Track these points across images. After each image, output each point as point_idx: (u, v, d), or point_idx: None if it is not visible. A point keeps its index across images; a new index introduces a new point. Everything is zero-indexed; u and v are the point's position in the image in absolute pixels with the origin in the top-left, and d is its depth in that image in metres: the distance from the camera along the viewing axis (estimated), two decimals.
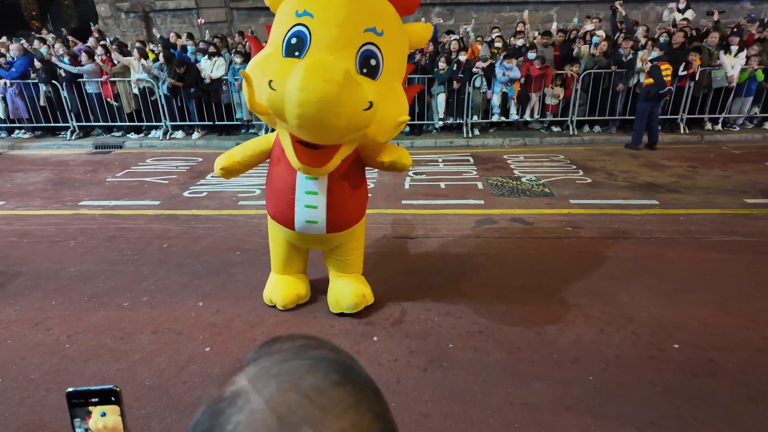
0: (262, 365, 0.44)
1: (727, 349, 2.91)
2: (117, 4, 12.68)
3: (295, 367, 0.43)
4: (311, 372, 0.42)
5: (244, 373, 0.44)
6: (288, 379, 0.41)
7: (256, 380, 0.42)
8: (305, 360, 0.44)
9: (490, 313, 3.34)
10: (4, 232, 4.91)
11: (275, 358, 0.45)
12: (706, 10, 10.38)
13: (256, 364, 0.45)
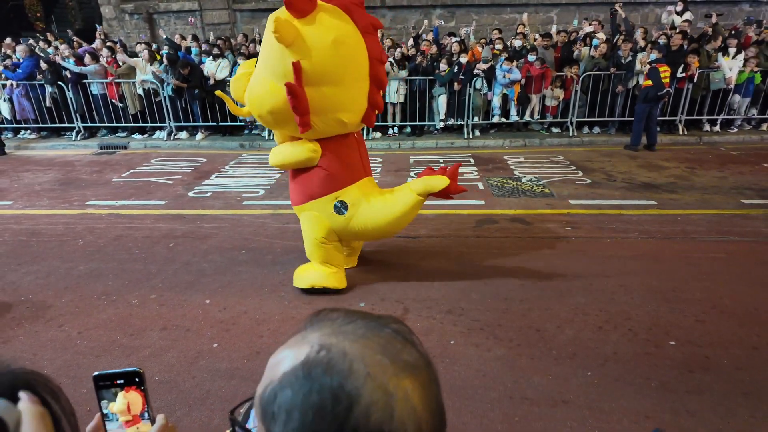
0: (329, 328, 0.52)
1: (722, 345, 2.99)
2: (121, 6, 12.77)
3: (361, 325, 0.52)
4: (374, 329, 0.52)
5: (316, 335, 0.51)
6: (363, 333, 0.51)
7: (333, 335, 0.51)
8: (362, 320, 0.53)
9: (490, 311, 3.43)
10: (15, 231, 5.00)
11: (336, 322, 0.53)
12: (704, 12, 10.46)
13: (319, 328, 0.52)
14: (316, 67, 2.99)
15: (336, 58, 3.02)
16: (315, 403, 0.46)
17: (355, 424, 0.45)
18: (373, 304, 3.54)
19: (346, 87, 3.15)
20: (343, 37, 3.01)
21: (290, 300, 3.62)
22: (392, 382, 0.47)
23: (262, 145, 8.66)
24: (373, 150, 8.32)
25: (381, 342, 0.50)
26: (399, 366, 0.48)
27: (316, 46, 2.97)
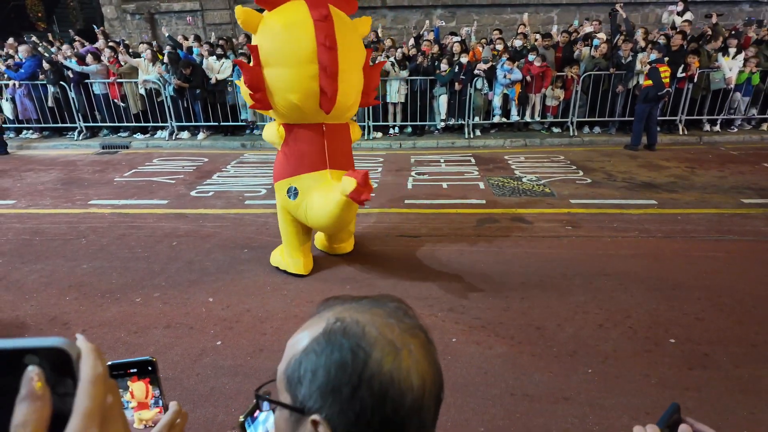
0: (340, 307, 0.59)
1: (720, 343, 3.02)
2: (122, 6, 12.81)
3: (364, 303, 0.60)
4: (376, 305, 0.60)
5: (329, 312, 0.59)
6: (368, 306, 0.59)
7: (345, 311, 0.58)
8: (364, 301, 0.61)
9: (491, 309, 3.45)
10: (18, 230, 5.03)
11: (343, 303, 0.61)
12: (704, 12, 10.48)
13: (330, 308, 0.60)
14: (269, 49, 3.39)
15: (284, 42, 3.35)
16: (336, 360, 0.53)
17: (370, 373, 0.52)
18: None
19: (294, 68, 3.38)
20: (292, 23, 3.32)
21: (293, 298, 3.65)
22: (399, 340, 0.55)
23: (263, 145, 8.68)
24: (374, 150, 8.36)
25: (387, 311, 0.59)
26: (403, 328, 0.57)
27: (271, 30, 3.39)
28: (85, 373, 0.39)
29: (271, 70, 3.42)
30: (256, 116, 8.96)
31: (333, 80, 3.36)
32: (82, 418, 0.37)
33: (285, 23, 3.33)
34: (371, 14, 11.87)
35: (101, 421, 0.38)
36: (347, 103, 3.57)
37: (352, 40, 3.51)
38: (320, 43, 3.26)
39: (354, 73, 3.59)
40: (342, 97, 3.46)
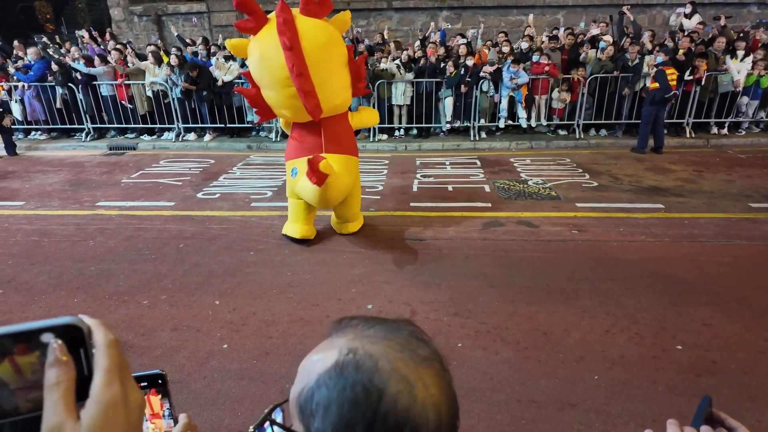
0: (352, 334, 0.58)
1: (728, 349, 3.00)
2: (130, 8, 12.90)
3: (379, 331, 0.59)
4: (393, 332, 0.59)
5: (343, 340, 0.58)
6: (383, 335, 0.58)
7: (357, 339, 0.57)
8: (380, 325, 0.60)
9: (497, 314, 3.45)
10: (27, 231, 5.08)
11: (358, 328, 0.60)
12: (713, 14, 10.42)
13: (344, 334, 0.59)
14: (256, 75, 3.97)
15: (264, 70, 3.84)
16: (349, 397, 0.52)
17: (385, 411, 0.52)
18: (381, 306, 3.58)
19: (277, 91, 3.92)
20: (266, 52, 3.72)
21: (298, 301, 3.66)
22: (413, 374, 0.54)
23: (269, 147, 8.73)
24: (380, 152, 8.37)
25: (400, 341, 0.57)
26: (417, 360, 0.55)
27: (253, 59, 3.87)
28: (100, 339, 0.46)
29: (264, 91, 4.04)
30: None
31: (311, 96, 3.74)
32: (105, 374, 0.45)
33: (261, 53, 3.76)
34: (377, 16, 11.92)
35: (120, 377, 0.46)
36: (334, 103, 4.05)
37: (326, 45, 3.79)
38: (291, 71, 3.62)
39: (334, 77, 3.98)
40: (326, 101, 3.91)
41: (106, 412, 0.44)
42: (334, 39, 3.88)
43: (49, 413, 0.43)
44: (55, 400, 0.43)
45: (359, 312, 3.47)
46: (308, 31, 3.66)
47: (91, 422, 0.43)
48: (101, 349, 0.46)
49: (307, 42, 3.62)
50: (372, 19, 12.14)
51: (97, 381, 0.45)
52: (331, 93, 3.94)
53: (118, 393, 0.45)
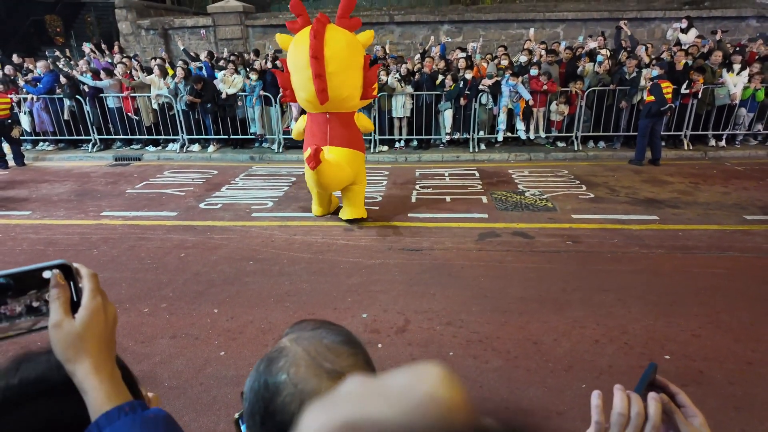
0: (297, 333, 0.67)
1: (716, 360, 3.05)
2: (138, 22, 13.20)
3: (318, 333, 0.66)
4: (328, 336, 0.66)
5: (285, 339, 0.67)
6: (315, 338, 0.65)
7: (294, 340, 0.65)
8: (323, 330, 0.68)
9: (489, 323, 3.51)
10: (32, 240, 5.20)
11: (305, 328, 0.68)
12: (710, 28, 10.55)
13: (292, 333, 0.68)
14: (289, 61, 4.90)
15: (294, 55, 4.78)
16: (255, 389, 0.62)
17: (273, 410, 0.60)
18: (375, 315, 3.65)
19: (299, 73, 4.76)
20: (299, 42, 4.68)
21: (295, 310, 3.74)
22: (315, 383, 0.59)
23: (272, 158, 8.87)
24: (380, 163, 8.48)
25: (330, 348, 0.63)
26: (329, 370, 0.60)
27: (290, 48, 4.85)
28: (84, 273, 0.68)
29: (292, 75, 4.91)
30: (265, 129, 9.15)
31: (321, 80, 4.56)
32: (90, 291, 0.67)
33: (296, 43, 4.76)
34: (379, 29, 12.12)
35: (102, 296, 0.68)
36: (341, 96, 4.80)
37: (347, 49, 4.66)
38: (310, 55, 4.47)
39: (345, 74, 4.75)
40: (334, 92, 4.68)
41: (92, 314, 0.65)
42: (355, 45, 4.81)
43: (53, 315, 0.63)
44: (56, 307, 0.64)
45: (353, 321, 3.54)
46: (337, 32, 4.64)
47: (82, 320, 0.64)
48: (86, 278, 0.67)
49: (332, 39, 4.52)
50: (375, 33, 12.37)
51: (86, 295, 0.66)
52: (339, 84, 4.70)
53: (100, 303, 0.67)
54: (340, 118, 5.09)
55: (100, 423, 0.60)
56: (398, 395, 0.39)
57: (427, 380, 0.39)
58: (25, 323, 0.65)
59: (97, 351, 0.64)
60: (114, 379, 0.64)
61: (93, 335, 0.64)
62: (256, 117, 9.04)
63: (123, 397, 0.63)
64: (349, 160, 5.10)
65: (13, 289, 0.64)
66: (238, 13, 12.49)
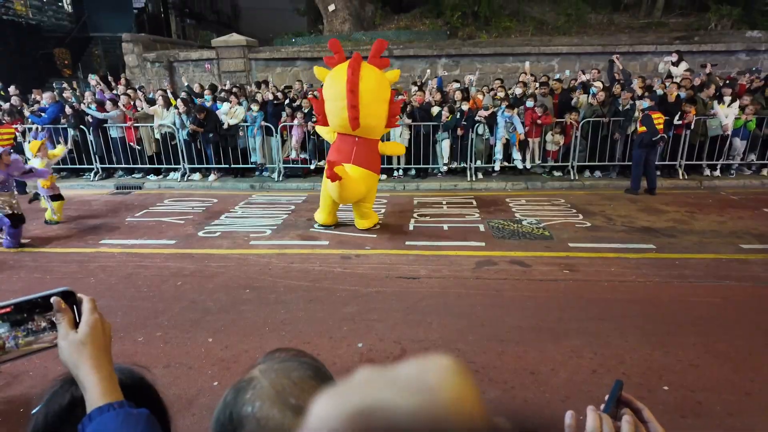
0: (267, 364, 0.68)
1: (715, 390, 3.01)
2: (144, 55, 13.58)
3: (288, 366, 0.67)
4: (297, 369, 0.66)
5: (256, 368, 0.68)
6: (283, 372, 0.66)
7: (263, 372, 0.66)
8: (294, 362, 0.68)
9: (486, 353, 3.48)
10: (30, 268, 5.21)
11: (276, 359, 0.69)
12: (701, 62, 10.85)
13: (263, 363, 0.69)
14: (326, 91, 5.81)
15: (331, 87, 5.65)
16: (219, 417, 0.65)
17: None
18: (371, 345, 3.62)
19: (335, 102, 5.63)
20: (337, 76, 5.54)
21: (290, 339, 3.71)
22: (278, 419, 0.60)
23: (271, 186, 8.96)
24: (379, 192, 8.53)
25: (297, 383, 0.64)
26: (293, 407, 0.61)
27: (328, 81, 5.75)
28: (84, 298, 0.83)
29: (327, 103, 5.77)
30: (266, 159, 9.28)
31: (355, 110, 5.42)
32: (89, 310, 0.82)
33: (333, 77, 5.63)
34: None
35: (99, 314, 0.82)
36: (370, 124, 5.69)
37: (377, 84, 5.56)
38: (347, 89, 5.33)
39: (374, 106, 5.61)
40: (364, 120, 5.54)
41: (90, 327, 0.79)
42: (383, 82, 5.70)
43: (61, 330, 0.79)
44: (63, 324, 0.79)
45: (349, 350, 3.52)
46: (370, 70, 5.53)
47: (83, 332, 0.78)
48: (85, 301, 0.83)
49: (366, 76, 5.39)
50: None
51: (85, 313, 0.81)
52: (369, 114, 5.55)
53: (98, 319, 0.81)
54: (367, 143, 5.90)
55: (92, 415, 0.71)
56: (409, 384, 0.39)
57: (438, 370, 0.40)
58: (47, 337, 0.80)
59: (96, 356, 0.77)
60: (110, 381, 0.76)
61: (92, 343, 0.78)
62: (257, 147, 9.19)
63: (116, 397, 0.74)
64: (365, 179, 5.82)
65: (40, 306, 0.80)
66: (241, 46, 12.87)
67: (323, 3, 15.11)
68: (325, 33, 15.45)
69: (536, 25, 14.34)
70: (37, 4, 17.99)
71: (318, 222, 6.42)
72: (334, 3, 14.87)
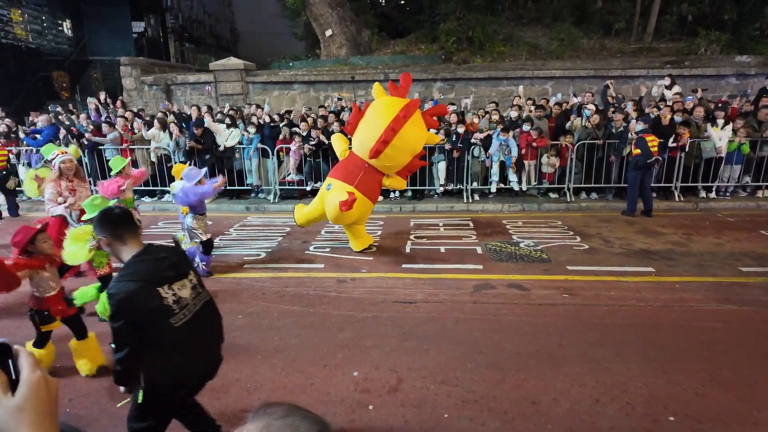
0: (265, 420, 0.63)
1: (721, 421, 2.91)
2: (141, 78, 13.68)
3: (291, 422, 0.62)
4: (303, 425, 0.62)
5: (252, 425, 0.63)
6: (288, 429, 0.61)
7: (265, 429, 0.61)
8: (295, 418, 0.63)
9: (485, 381, 3.38)
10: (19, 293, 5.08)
11: (275, 415, 0.64)
12: (692, 86, 11.03)
13: (260, 419, 0.64)
14: (369, 111, 5.90)
15: (377, 114, 5.70)
16: None
17: None
18: (366, 373, 3.51)
19: (369, 127, 5.72)
20: (389, 108, 5.60)
21: (283, 367, 3.60)
22: None
23: (267, 209, 8.90)
24: (375, 213, 8.50)
25: None
26: None
27: (379, 105, 5.83)
28: (22, 350, 0.72)
29: (365, 122, 5.79)
30: (261, 181, 9.25)
31: (383, 145, 5.46)
32: (29, 366, 0.70)
33: (387, 104, 5.65)
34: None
35: (42, 370, 0.71)
36: (385, 164, 5.81)
37: (416, 138, 5.71)
38: (390, 126, 5.43)
39: (401, 153, 5.71)
40: (385, 156, 5.60)
41: (31, 388, 0.68)
42: (421, 140, 5.86)
43: None
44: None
45: (344, 379, 3.40)
46: (418, 123, 5.69)
47: (22, 394, 0.68)
48: (24, 355, 0.72)
49: (411, 124, 5.54)
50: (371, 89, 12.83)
51: (25, 371, 0.70)
52: (392, 156, 5.67)
53: (40, 377, 0.70)
54: (374, 173, 5.96)
55: None
56: None
57: None
58: None
59: (37, 422, 0.67)
60: None
61: (33, 407, 0.68)
62: (253, 168, 9.17)
63: None
64: (361, 206, 5.78)
65: None
66: (239, 70, 13.00)
67: (321, 28, 15.36)
68: (322, 57, 15.67)
69: (529, 50, 14.59)
70: (38, 29, 18.21)
71: (297, 222, 6.46)
72: (331, 28, 15.12)
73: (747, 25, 14.37)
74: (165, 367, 2.16)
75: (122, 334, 2.01)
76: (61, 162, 4.75)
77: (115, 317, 1.99)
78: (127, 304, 1.99)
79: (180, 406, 2.44)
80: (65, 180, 4.81)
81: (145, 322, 2.03)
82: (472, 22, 14.38)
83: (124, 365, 2.03)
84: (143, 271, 2.09)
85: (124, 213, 2.28)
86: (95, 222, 2.24)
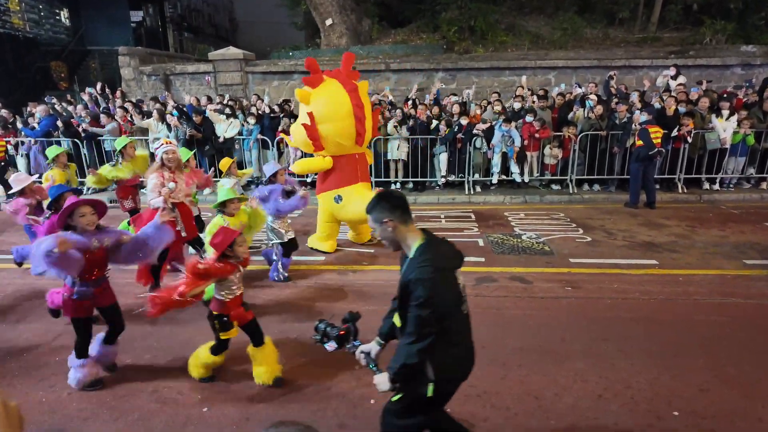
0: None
1: (726, 418, 2.89)
2: (140, 68, 13.54)
3: None
4: None
5: None
6: None
7: None
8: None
9: (487, 377, 3.34)
10: (18, 285, 5.07)
11: None
12: (696, 76, 10.89)
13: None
14: (321, 112, 5.44)
15: (331, 106, 5.42)
16: None
17: None
18: (366, 371, 3.47)
19: (340, 122, 5.45)
20: (334, 95, 5.43)
21: (284, 363, 3.56)
22: None
23: None
24: None
25: None
26: None
27: (321, 101, 5.45)
28: None
29: (324, 125, 5.44)
30: (261, 172, 9.18)
31: (363, 126, 5.49)
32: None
33: (329, 95, 5.42)
34: (376, 76, 12.45)
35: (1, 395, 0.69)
36: (368, 138, 5.84)
37: (366, 96, 5.67)
38: (354, 105, 5.38)
39: (368, 118, 5.65)
40: (366, 134, 5.67)
41: None
42: (366, 95, 5.75)
43: None
44: None
45: (345, 373, 3.37)
46: (362, 90, 5.63)
47: None
48: None
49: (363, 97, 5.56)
50: (372, 80, 12.66)
51: None
52: (368, 129, 5.70)
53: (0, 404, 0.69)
54: (363, 157, 5.97)
55: None
56: None
57: None
58: None
59: None
60: None
61: None
62: (253, 160, 9.10)
63: None
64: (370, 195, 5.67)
65: None
66: (238, 60, 12.85)
67: (321, 17, 15.17)
68: (323, 47, 15.49)
69: (532, 40, 14.40)
70: (35, 18, 18.02)
71: (323, 249, 5.99)
72: (331, 17, 14.93)
73: (752, 14, 14.14)
74: (455, 356, 2.09)
75: (428, 323, 1.93)
76: (164, 152, 4.69)
77: (425, 304, 1.90)
78: (438, 290, 1.93)
79: None
80: (167, 171, 4.74)
81: (446, 309, 1.98)
82: (474, 12, 14.18)
83: (422, 356, 1.96)
84: (442, 256, 2.04)
85: (402, 195, 2.22)
86: (374, 206, 2.15)
